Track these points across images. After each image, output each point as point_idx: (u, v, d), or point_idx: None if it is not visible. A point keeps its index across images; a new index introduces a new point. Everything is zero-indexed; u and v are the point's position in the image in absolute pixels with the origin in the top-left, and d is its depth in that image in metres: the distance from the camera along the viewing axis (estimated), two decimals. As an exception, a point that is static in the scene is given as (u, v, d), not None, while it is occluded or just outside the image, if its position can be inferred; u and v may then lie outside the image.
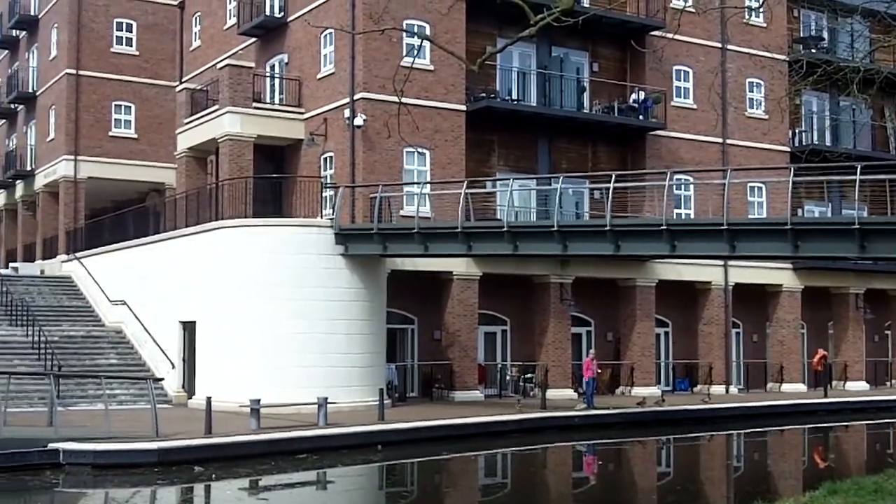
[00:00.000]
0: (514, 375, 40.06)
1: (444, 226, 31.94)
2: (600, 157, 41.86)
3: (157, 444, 23.80)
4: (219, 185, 37.50)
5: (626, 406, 36.21)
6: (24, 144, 57.53)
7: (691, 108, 43.57)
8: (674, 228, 27.23)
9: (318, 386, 30.33)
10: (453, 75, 37.22)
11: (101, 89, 51.53)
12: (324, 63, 37.96)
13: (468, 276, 37.55)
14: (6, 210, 61.10)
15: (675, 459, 31.76)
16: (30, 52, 57.53)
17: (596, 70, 42.17)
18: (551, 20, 15.11)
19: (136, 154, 52.01)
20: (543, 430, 32.01)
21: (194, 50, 47.22)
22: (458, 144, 37.44)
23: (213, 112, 38.69)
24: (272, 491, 23.27)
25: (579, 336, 41.97)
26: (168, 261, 37.48)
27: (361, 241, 33.02)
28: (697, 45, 43.38)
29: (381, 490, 24.30)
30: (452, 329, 37.57)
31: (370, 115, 35.49)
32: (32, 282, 45.43)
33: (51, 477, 22.07)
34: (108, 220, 46.82)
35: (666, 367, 44.55)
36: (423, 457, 27.28)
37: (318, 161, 37.86)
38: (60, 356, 35.49)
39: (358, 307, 33.25)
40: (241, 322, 32.98)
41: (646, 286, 42.01)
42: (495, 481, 26.55)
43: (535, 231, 30.51)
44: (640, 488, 25.45)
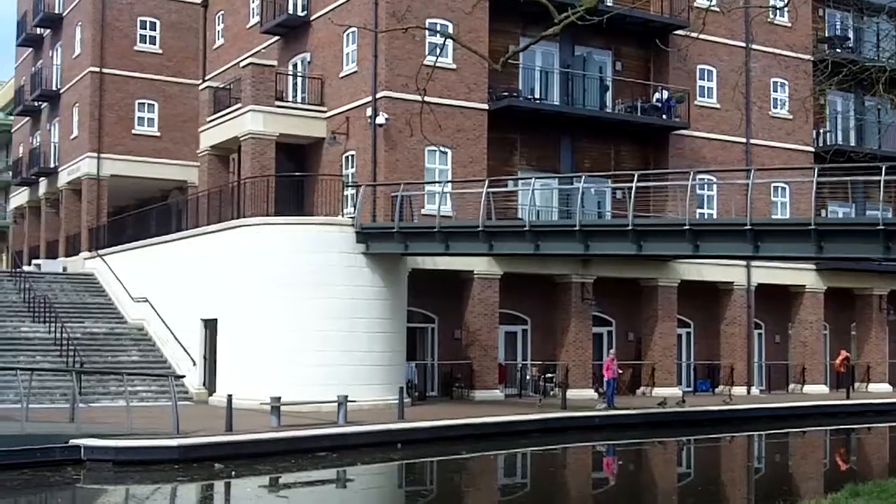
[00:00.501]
0: (534, 375, 39.97)
1: (465, 225, 31.89)
2: (623, 157, 41.73)
3: (178, 440, 23.85)
4: (241, 184, 37.55)
5: (646, 406, 36.08)
6: (47, 142, 57.78)
7: (715, 108, 43.39)
8: (697, 228, 27.12)
9: (339, 384, 30.32)
10: (476, 74, 37.18)
11: (125, 87, 51.71)
12: (346, 61, 37.97)
13: (489, 275, 37.49)
14: (29, 207, 61.38)
15: (695, 460, 31.63)
16: (54, 50, 57.77)
17: (619, 69, 42.04)
18: (575, 19, 15.06)
19: (158, 152, 52.14)
20: (564, 429, 31.93)
21: (217, 48, 47.32)
22: (480, 143, 37.39)
23: (236, 110, 38.75)
24: (292, 489, 23.29)
25: (600, 336, 41.85)
26: (190, 258, 37.56)
27: (382, 239, 33.01)
28: (721, 45, 43.17)
29: (401, 489, 24.28)
30: (473, 328, 37.52)
31: (392, 114, 35.48)
32: (55, 279, 45.60)
33: (72, 473, 22.13)
34: (131, 217, 46.96)
35: (687, 368, 44.39)
36: (442, 456, 27.24)
37: (340, 159, 37.87)
38: (83, 353, 35.60)
39: (378, 306, 33.25)
40: (262, 320, 33.02)
41: (668, 286, 41.86)
42: (515, 481, 26.48)
43: (557, 230, 30.44)
44: (661, 489, 25.34)
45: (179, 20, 52.78)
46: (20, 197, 63.25)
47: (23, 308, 40.26)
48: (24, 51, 64.05)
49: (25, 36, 61.27)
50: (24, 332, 37.95)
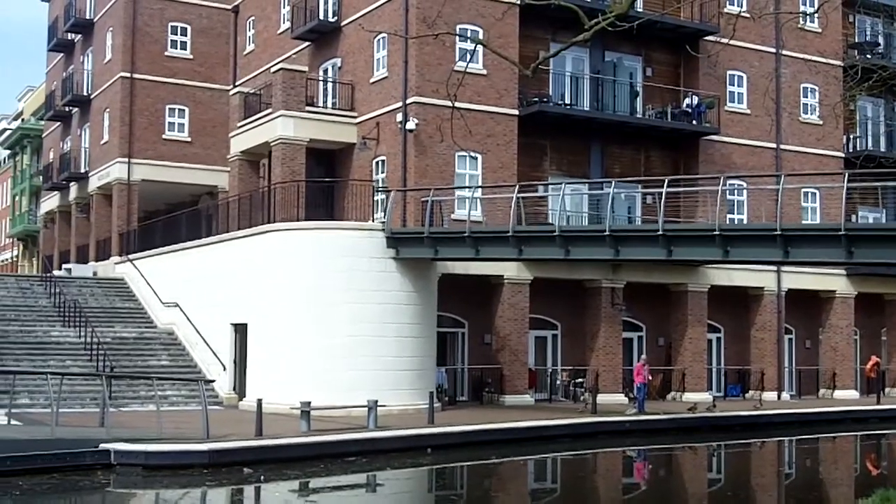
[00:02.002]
0: (564, 380, 39.91)
1: (495, 230, 31.88)
2: (653, 162, 41.63)
3: (208, 445, 23.91)
4: (271, 189, 37.68)
5: (677, 412, 35.94)
6: (78, 147, 58.09)
7: (745, 113, 43.23)
8: (727, 234, 27.00)
9: (368, 389, 30.36)
10: (506, 80, 37.18)
11: (156, 92, 51.92)
12: (377, 67, 38.04)
13: (519, 280, 37.47)
14: (60, 212, 61.68)
15: (725, 466, 31.48)
16: (85, 55, 58.11)
17: (649, 75, 41.94)
18: (606, 25, 15.06)
19: (189, 157, 52.34)
20: (594, 434, 31.85)
21: (248, 54, 47.50)
22: (511, 149, 37.39)
23: (267, 116, 38.88)
24: (321, 493, 23.32)
25: (630, 341, 41.75)
26: (220, 263, 37.70)
27: (413, 244, 33.05)
28: (751, 50, 43.00)
29: (431, 493, 24.28)
30: (503, 333, 37.50)
31: (422, 119, 35.53)
32: (85, 283, 45.88)
33: (101, 477, 22.24)
34: (161, 222, 47.15)
35: (717, 373, 44.21)
36: (472, 461, 27.26)
37: (370, 165, 37.95)
38: (113, 357, 35.80)
39: (408, 311, 33.27)
40: (292, 325, 33.10)
41: (698, 291, 41.71)
42: (545, 486, 26.44)
43: (587, 235, 30.36)
44: (691, 494, 25.26)
45: (210, 25, 52.99)
46: (51, 201, 63.58)
47: (53, 312, 40.50)
48: (55, 56, 64.45)
49: (56, 41, 61.66)
50: (55, 337, 38.18)
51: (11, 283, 44.60)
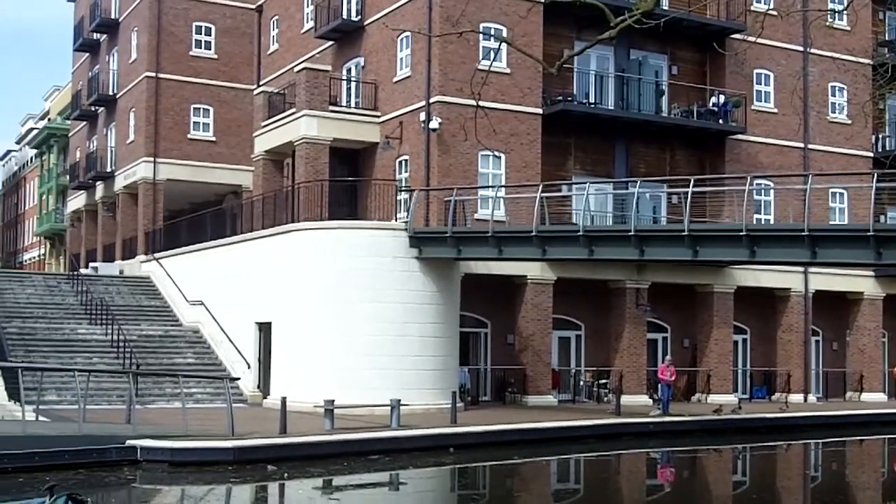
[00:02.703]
0: (588, 381, 39.78)
1: (518, 229, 31.80)
2: (678, 162, 41.43)
3: (233, 442, 23.95)
4: (295, 188, 37.71)
5: (701, 413, 35.75)
6: (104, 146, 58.35)
7: (772, 112, 42.97)
8: (753, 234, 26.80)
9: (391, 388, 30.33)
10: (530, 78, 37.08)
11: (180, 92, 52.10)
12: (400, 66, 38.01)
13: (542, 280, 37.36)
14: (87, 211, 61.99)
15: (750, 468, 31.27)
16: (110, 55, 58.36)
17: (675, 73, 41.74)
18: (632, 22, 14.95)
19: (213, 156, 52.52)
20: (617, 436, 31.69)
21: (272, 53, 47.55)
22: (534, 148, 37.28)
23: (290, 115, 38.91)
24: (344, 491, 23.30)
25: (655, 342, 41.56)
26: (244, 262, 37.77)
27: (435, 244, 33.00)
28: (779, 49, 42.72)
29: (453, 492, 24.20)
30: (526, 333, 37.41)
31: (446, 119, 35.47)
32: (112, 282, 46.11)
33: (128, 473, 22.29)
34: (186, 221, 47.26)
35: (743, 375, 43.96)
36: (495, 460, 27.17)
37: (393, 164, 37.91)
38: (139, 355, 35.90)
39: (431, 310, 33.22)
40: (316, 323, 33.12)
41: (724, 292, 41.49)
42: (567, 487, 26.32)
43: (612, 235, 30.24)
44: (716, 496, 25.09)
45: (234, 25, 53.12)
46: (77, 200, 63.89)
47: (80, 310, 40.75)
48: (80, 56, 64.77)
49: (82, 41, 61.97)
50: (82, 334, 38.36)
51: (39, 282, 45.00)
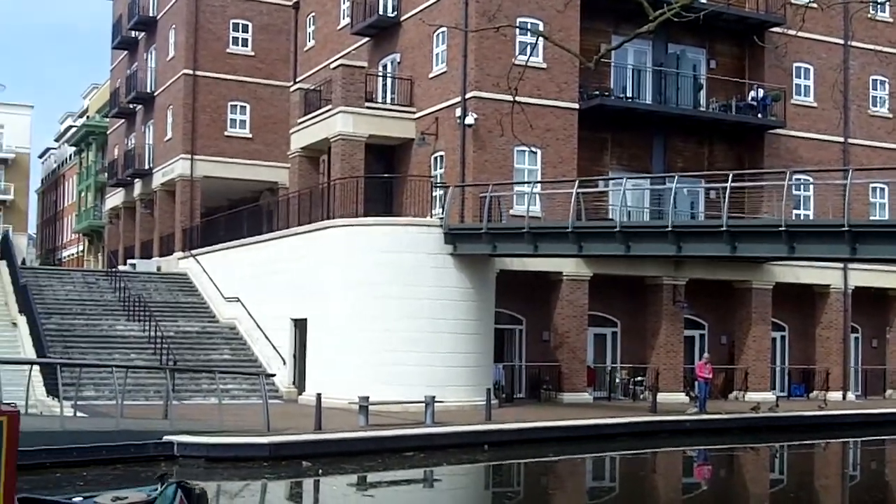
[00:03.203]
0: (623, 378, 39.56)
1: (554, 225, 31.62)
2: (717, 156, 41.11)
3: (269, 438, 23.98)
4: (330, 185, 37.70)
5: (739, 411, 35.47)
6: (142, 144, 58.69)
7: (812, 107, 42.55)
8: (792, 229, 26.52)
9: (426, 385, 30.28)
10: (566, 73, 36.88)
11: (218, 89, 52.31)
12: (436, 62, 37.91)
13: (578, 276, 37.17)
14: (125, 208, 62.40)
15: (788, 467, 30.99)
16: (148, 52, 58.66)
17: (713, 67, 41.39)
18: (671, 15, 14.81)
19: (250, 154, 52.67)
20: (653, 433, 31.49)
21: (308, 50, 47.58)
22: (571, 143, 37.08)
23: (326, 112, 38.91)
24: (378, 488, 23.26)
25: (692, 339, 41.25)
26: (280, 259, 37.83)
27: (470, 240, 32.89)
28: (819, 42, 42.24)
29: (488, 490, 24.13)
30: (561, 330, 37.23)
31: (481, 114, 35.34)
32: (149, 278, 46.36)
33: (164, 468, 22.33)
34: (223, 218, 47.48)
35: (781, 372, 43.56)
36: (529, 458, 27.07)
37: (429, 160, 37.83)
38: (175, 351, 36.05)
39: (466, 307, 33.13)
40: (351, 320, 33.10)
41: (762, 289, 41.11)
42: (603, 484, 26.18)
43: (649, 231, 30.03)
44: (753, 495, 24.85)
45: (271, 22, 53.24)
46: (116, 198, 64.32)
47: (118, 307, 40.95)
48: (119, 54, 65.17)
49: (120, 39, 62.33)
50: (120, 331, 38.58)
51: (77, 278, 45.29)
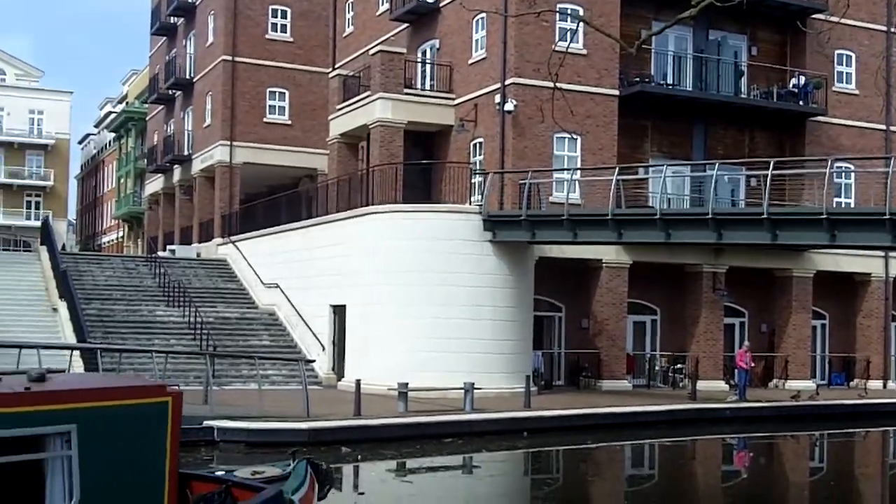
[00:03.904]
0: (663, 366, 39.44)
1: (594, 213, 31.51)
2: (758, 144, 40.83)
3: (308, 424, 24.10)
4: (369, 171, 37.75)
5: (779, 399, 35.30)
6: (181, 130, 58.94)
7: (854, 94, 42.18)
8: (834, 217, 26.31)
9: (464, 371, 30.31)
10: (606, 59, 36.72)
11: (256, 76, 52.41)
12: (475, 48, 37.83)
13: (618, 263, 37.05)
14: (164, 194, 62.70)
15: (828, 455, 30.81)
16: (187, 39, 58.86)
17: (754, 54, 41.07)
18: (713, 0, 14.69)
19: (289, 140, 52.73)
20: (693, 421, 31.39)
21: (347, 36, 47.58)
22: (611, 130, 36.92)
23: (365, 98, 38.94)
24: (417, 474, 23.30)
25: (732, 327, 41.07)
26: (319, 245, 37.93)
27: (510, 227, 32.84)
28: (861, 29, 41.83)
29: (526, 477, 24.15)
30: (601, 317, 37.15)
31: (521, 101, 35.24)
32: (189, 264, 46.58)
33: (205, 454, 22.51)
34: (262, 204, 47.60)
35: (822, 361, 43.31)
36: (568, 445, 27.04)
37: (468, 147, 37.79)
38: (215, 337, 36.23)
39: (505, 294, 33.11)
40: (390, 306, 33.15)
41: (803, 277, 40.85)
42: (642, 472, 26.13)
43: (689, 218, 29.87)
44: (792, 483, 24.74)
45: (310, 8, 53.26)
46: (155, 184, 64.66)
47: (158, 293, 41.18)
48: (158, 40, 65.45)
49: (159, 25, 62.56)
50: (160, 316, 38.81)
51: (117, 264, 45.59)
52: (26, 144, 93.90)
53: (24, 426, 8.89)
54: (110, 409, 9.51)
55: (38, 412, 8.98)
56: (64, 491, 9.07)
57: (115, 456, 9.42)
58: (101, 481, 9.26)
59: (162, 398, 9.93)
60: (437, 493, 20.83)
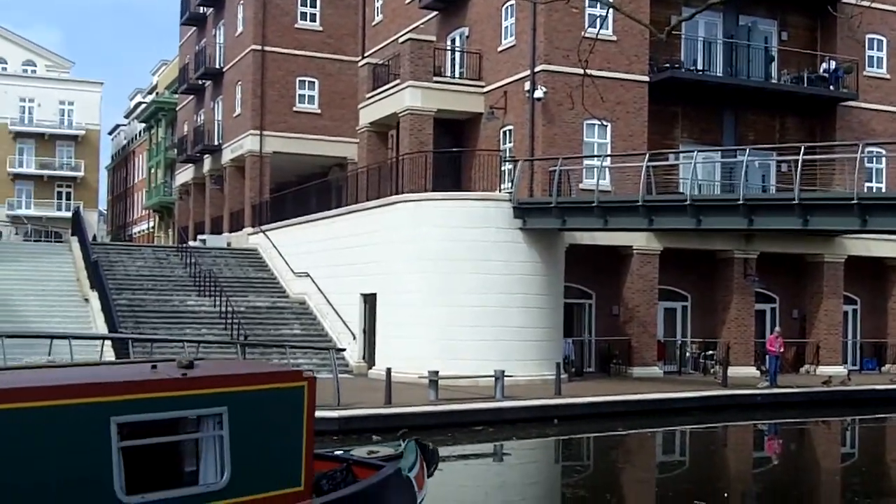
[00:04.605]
0: (694, 352, 39.36)
1: (624, 199, 31.46)
2: (788, 129, 40.64)
3: (339, 412, 24.21)
4: (399, 159, 37.80)
5: (810, 385, 35.18)
6: (211, 120, 59.15)
7: (885, 79, 41.87)
8: (865, 202, 26.18)
9: (495, 359, 30.35)
10: (636, 46, 36.59)
11: (286, 65, 52.46)
12: (504, 35, 37.78)
13: (648, 250, 36.98)
14: (194, 184, 62.98)
15: (860, 441, 30.69)
16: (217, 28, 59.01)
17: (784, 39, 40.85)
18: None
19: (319, 129, 52.80)
20: (724, 408, 31.34)
21: (376, 24, 47.59)
22: (641, 116, 36.83)
23: (395, 86, 38.97)
24: (448, 462, 23.22)
25: (763, 313, 40.92)
26: (350, 234, 38.02)
27: (540, 214, 32.83)
28: (892, 13, 41.53)
29: (557, 464, 24.15)
30: (631, 304, 37.10)
31: (550, 88, 35.19)
32: (220, 254, 46.77)
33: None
34: (292, 193, 47.75)
35: (853, 346, 43.13)
36: (599, 432, 27.02)
37: (498, 134, 37.77)
38: (246, 326, 36.37)
39: (535, 281, 33.11)
40: (420, 295, 33.22)
41: (834, 262, 40.66)
42: (673, 458, 26.11)
43: (720, 204, 29.79)
44: (824, 469, 24.67)
45: (339, -3, 53.26)
46: (185, 174, 64.96)
47: (189, 282, 41.39)
48: (187, 30, 65.65)
49: (189, 15, 62.75)
50: (191, 306, 39.02)
51: (148, 254, 45.81)
52: (57, 135, 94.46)
53: (182, 409, 10.00)
54: (256, 393, 10.52)
55: (195, 396, 10.02)
56: (216, 468, 10.05)
57: (259, 435, 10.38)
58: (248, 459, 10.20)
59: (299, 382, 10.98)
60: (467, 481, 20.89)
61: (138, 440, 9.70)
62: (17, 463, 8.84)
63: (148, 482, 9.95)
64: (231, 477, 10.02)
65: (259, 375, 10.90)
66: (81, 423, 9.19)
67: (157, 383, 9.85)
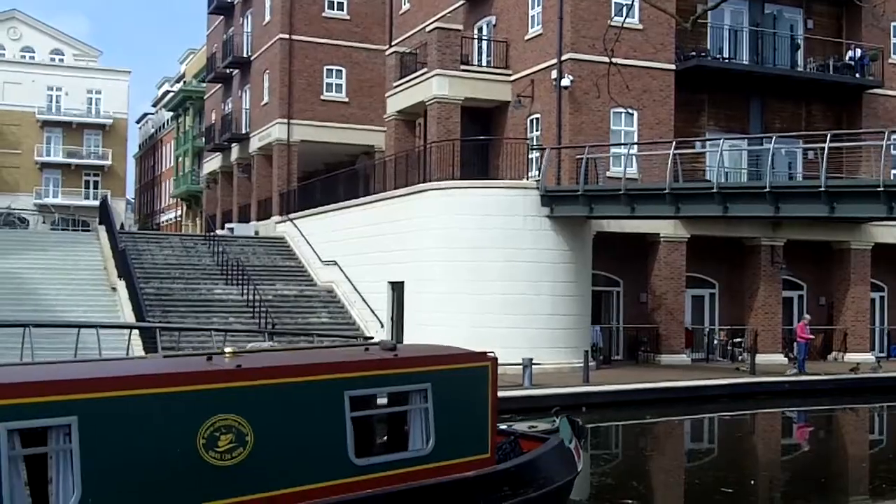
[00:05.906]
0: (722, 340, 39.43)
1: (651, 187, 31.54)
2: (814, 117, 40.58)
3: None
4: (427, 148, 37.95)
5: (838, 372, 35.20)
6: (239, 108, 59.39)
7: (911, 66, 41.76)
8: (891, 189, 26.16)
9: (523, 347, 30.49)
10: (662, 34, 36.63)
11: (314, 54, 52.60)
12: (531, 24, 37.87)
13: (676, 238, 37.05)
14: (222, 172, 63.26)
15: (889, 428, 30.72)
16: (244, 17, 59.22)
17: (810, 27, 40.80)
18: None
19: (346, 117, 52.93)
20: (752, 395, 31.42)
21: (404, 13, 47.70)
22: (667, 104, 36.87)
23: (422, 75, 39.12)
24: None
25: (790, 300, 40.95)
26: (377, 222, 38.20)
27: (567, 202, 32.94)
28: (918, 0, 41.42)
29: (586, 452, 24.23)
30: (659, 292, 37.19)
31: (577, 76, 35.26)
32: (247, 242, 46.92)
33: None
34: (320, 182, 47.93)
35: (881, 333, 43.07)
36: (627, 420, 27.17)
37: (525, 123, 37.89)
38: (274, 314, 36.58)
39: (563, 269, 33.24)
40: (448, 283, 33.39)
41: (861, 249, 40.64)
42: (701, 446, 26.25)
43: (746, 192, 29.82)
44: (852, 456, 24.74)
45: (366, -14, 53.37)
46: (213, 162, 65.24)
47: (216, 271, 41.51)
48: (215, 18, 65.90)
49: (216, 4, 62.89)
50: (218, 294, 39.08)
51: (176, 243, 45.89)
52: (84, 124, 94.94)
53: (397, 385, 11.84)
54: (452, 371, 12.33)
55: (407, 374, 11.86)
56: (422, 436, 11.87)
57: (456, 408, 12.13)
58: (447, 428, 11.96)
59: (485, 362, 12.71)
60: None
61: (363, 411, 11.58)
62: (277, 429, 10.57)
63: (370, 448, 12.00)
64: (435, 444, 11.77)
65: (453, 356, 12.67)
66: (324, 396, 11.07)
67: (377, 363, 11.70)
